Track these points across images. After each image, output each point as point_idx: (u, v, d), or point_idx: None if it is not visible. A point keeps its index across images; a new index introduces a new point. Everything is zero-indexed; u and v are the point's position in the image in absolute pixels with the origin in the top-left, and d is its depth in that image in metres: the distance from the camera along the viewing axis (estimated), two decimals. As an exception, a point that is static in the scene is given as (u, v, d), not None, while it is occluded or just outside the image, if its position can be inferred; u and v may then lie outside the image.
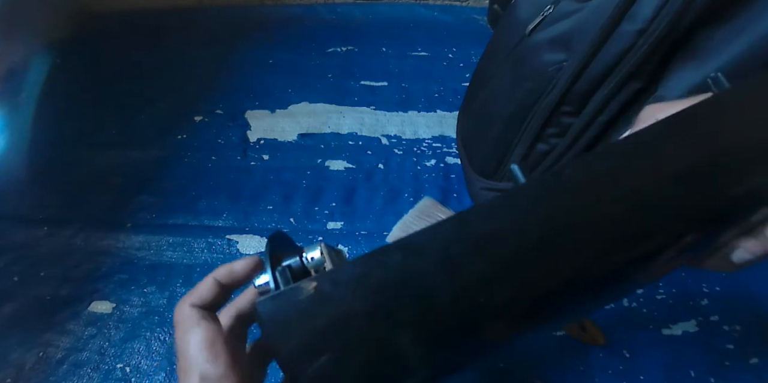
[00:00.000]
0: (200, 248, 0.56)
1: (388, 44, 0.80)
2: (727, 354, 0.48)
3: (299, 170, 0.64)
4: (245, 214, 0.59)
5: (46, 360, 0.49)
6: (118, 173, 0.64)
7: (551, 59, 0.40)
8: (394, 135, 0.67)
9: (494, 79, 0.49)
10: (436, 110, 0.70)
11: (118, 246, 0.57)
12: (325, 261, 0.23)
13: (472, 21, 0.85)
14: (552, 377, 0.47)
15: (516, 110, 0.45)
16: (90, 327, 0.51)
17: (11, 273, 0.55)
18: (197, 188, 0.62)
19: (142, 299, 0.53)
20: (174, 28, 0.84)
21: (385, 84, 0.74)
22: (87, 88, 0.75)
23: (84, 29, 0.84)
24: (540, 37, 0.41)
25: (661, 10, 0.34)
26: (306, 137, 0.68)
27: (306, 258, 0.24)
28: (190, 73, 0.76)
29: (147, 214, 0.60)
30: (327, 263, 0.23)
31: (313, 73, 0.76)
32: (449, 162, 0.64)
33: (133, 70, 0.77)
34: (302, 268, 0.23)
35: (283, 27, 0.84)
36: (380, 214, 0.59)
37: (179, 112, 0.71)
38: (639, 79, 0.38)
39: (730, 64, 0.35)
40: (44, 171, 0.64)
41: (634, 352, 0.48)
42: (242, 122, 0.69)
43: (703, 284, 0.53)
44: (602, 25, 0.36)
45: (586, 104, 0.41)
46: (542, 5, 0.42)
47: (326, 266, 0.23)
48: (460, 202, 0.59)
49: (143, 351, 0.49)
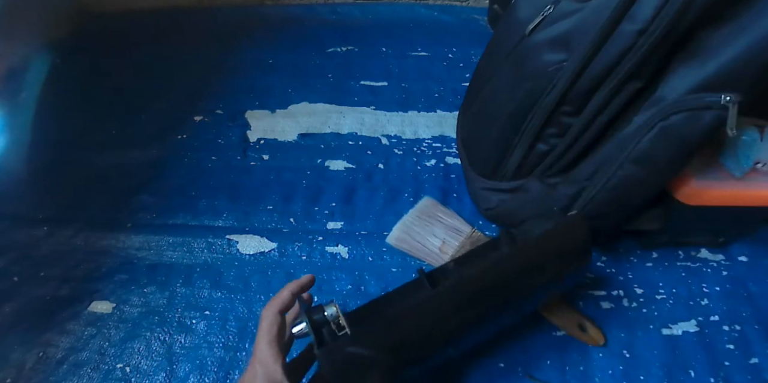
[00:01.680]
0: (200, 248, 0.56)
1: (388, 44, 0.80)
2: (727, 354, 0.48)
3: (299, 170, 0.64)
4: (245, 214, 0.59)
5: (46, 360, 0.49)
6: (118, 173, 0.64)
7: (551, 59, 0.40)
8: (394, 135, 0.67)
9: (494, 80, 0.49)
10: (436, 110, 0.70)
11: (118, 246, 0.57)
12: (339, 316, 0.36)
13: (472, 21, 0.85)
14: (552, 377, 0.47)
15: (516, 110, 0.45)
16: (90, 327, 0.51)
17: (11, 273, 0.55)
18: (197, 188, 0.62)
19: (142, 299, 0.53)
20: (174, 28, 0.84)
21: (385, 84, 0.74)
22: (87, 88, 0.75)
23: (84, 29, 0.84)
24: (540, 37, 0.41)
25: (661, 10, 0.34)
26: (306, 137, 0.68)
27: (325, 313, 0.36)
28: (190, 73, 0.76)
29: (147, 214, 0.60)
30: (341, 318, 0.35)
31: (313, 73, 0.76)
32: (449, 162, 0.64)
33: (133, 70, 0.77)
34: (323, 319, 0.36)
35: (283, 27, 0.84)
36: (380, 214, 0.59)
37: (179, 112, 0.71)
38: (639, 79, 0.38)
39: (730, 64, 0.35)
40: (44, 171, 0.64)
41: (634, 352, 0.48)
42: (242, 122, 0.69)
43: (703, 284, 0.53)
44: (602, 25, 0.36)
45: (586, 104, 0.41)
46: (542, 5, 0.42)
47: (341, 319, 0.35)
48: (460, 202, 0.59)
49: (143, 351, 0.49)
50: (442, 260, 0.52)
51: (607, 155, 0.43)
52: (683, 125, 0.38)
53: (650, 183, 0.43)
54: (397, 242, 0.54)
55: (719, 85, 0.36)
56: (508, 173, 0.50)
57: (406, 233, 0.54)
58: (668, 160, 0.40)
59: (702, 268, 0.54)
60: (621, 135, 0.41)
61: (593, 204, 0.45)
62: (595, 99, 0.40)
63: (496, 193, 0.53)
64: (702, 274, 0.54)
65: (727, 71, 0.35)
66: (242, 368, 0.48)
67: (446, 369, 0.47)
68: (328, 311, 0.36)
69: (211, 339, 0.50)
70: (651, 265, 0.54)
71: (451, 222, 0.55)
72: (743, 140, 0.43)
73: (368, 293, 0.53)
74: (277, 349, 0.34)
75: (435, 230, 0.54)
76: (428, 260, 0.53)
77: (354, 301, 0.52)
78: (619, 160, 0.41)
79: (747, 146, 0.42)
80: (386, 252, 0.56)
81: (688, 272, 0.54)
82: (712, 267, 0.54)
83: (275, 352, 0.34)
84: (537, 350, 0.48)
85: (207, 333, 0.50)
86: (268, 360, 0.34)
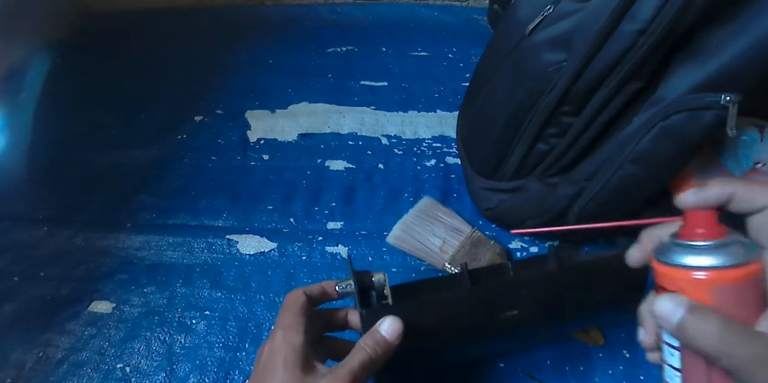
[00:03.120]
0: (200, 248, 0.57)
1: (388, 44, 0.80)
2: (727, 354, 0.48)
3: (299, 170, 0.64)
4: (245, 214, 0.59)
5: (46, 360, 0.49)
6: (118, 173, 0.64)
7: (551, 59, 0.40)
8: (394, 135, 0.67)
9: (494, 79, 0.49)
10: (436, 110, 0.70)
11: (118, 246, 0.57)
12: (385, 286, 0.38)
13: (472, 21, 0.85)
14: (552, 377, 0.47)
15: (516, 110, 0.45)
16: (90, 327, 0.51)
17: (11, 273, 0.55)
18: (197, 188, 0.62)
19: (142, 299, 0.53)
20: (174, 28, 0.84)
21: (385, 84, 0.74)
22: (87, 88, 0.75)
23: (84, 29, 0.84)
24: (540, 37, 0.41)
25: (661, 10, 0.34)
26: (306, 137, 0.68)
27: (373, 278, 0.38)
28: (190, 73, 0.76)
29: (147, 214, 0.60)
30: (387, 288, 0.37)
31: (313, 73, 0.76)
32: (449, 162, 0.64)
33: (133, 70, 0.77)
34: (370, 282, 0.38)
35: (283, 27, 0.84)
36: (380, 214, 0.59)
37: (179, 112, 0.71)
38: (639, 79, 0.38)
39: (730, 64, 0.35)
40: (44, 171, 0.64)
41: (634, 352, 0.48)
42: (242, 122, 0.69)
43: (703, 284, 0.53)
44: (602, 25, 0.36)
45: (586, 104, 0.41)
46: (542, 5, 0.42)
47: (386, 289, 0.37)
48: (460, 202, 0.59)
49: (143, 351, 0.49)
50: (443, 260, 0.52)
51: (607, 155, 0.43)
52: (683, 125, 0.38)
53: (650, 183, 0.43)
54: (397, 241, 0.54)
55: (719, 85, 0.36)
56: (508, 173, 0.50)
57: (406, 233, 0.54)
58: (668, 160, 0.40)
59: (702, 268, 0.54)
60: (621, 135, 0.41)
61: (593, 204, 0.45)
62: (595, 99, 0.40)
63: (496, 193, 0.53)
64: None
65: (727, 71, 0.35)
66: (242, 368, 0.48)
67: (446, 369, 0.47)
68: (376, 277, 0.37)
69: (211, 339, 0.50)
70: (651, 265, 0.54)
71: (451, 222, 0.55)
72: (743, 140, 0.43)
73: (368, 293, 0.53)
74: (300, 317, 0.33)
75: (435, 230, 0.54)
76: (428, 260, 0.53)
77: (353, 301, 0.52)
78: (619, 160, 0.41)
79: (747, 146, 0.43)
80: (386, 252, 0.56)
81: (688, 272, 0.54)
82: (712, 267, 0.54)
83: (297, 319, 0.33)
84: (537, 350, 0.48)
85: (207, 333, 0.50)
86: (289, 324, 0.33)
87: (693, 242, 0.25)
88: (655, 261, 0.27)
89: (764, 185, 0.25)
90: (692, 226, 0.25)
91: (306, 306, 0.35)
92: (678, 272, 0.25)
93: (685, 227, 0.26)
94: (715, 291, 0.24)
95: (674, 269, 0.25)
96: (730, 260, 0.24)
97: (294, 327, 0.32)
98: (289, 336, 0.32)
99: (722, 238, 0.24)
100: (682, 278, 0.25)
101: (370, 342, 0.33)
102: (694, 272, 0.24)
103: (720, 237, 0.24)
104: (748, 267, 0.24)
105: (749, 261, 0.24)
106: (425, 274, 0.54)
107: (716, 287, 0.24)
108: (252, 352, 0.49)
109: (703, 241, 0.25)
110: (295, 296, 0.35)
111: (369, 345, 0.33)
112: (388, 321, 0.34)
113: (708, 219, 0.25)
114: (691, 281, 0.24)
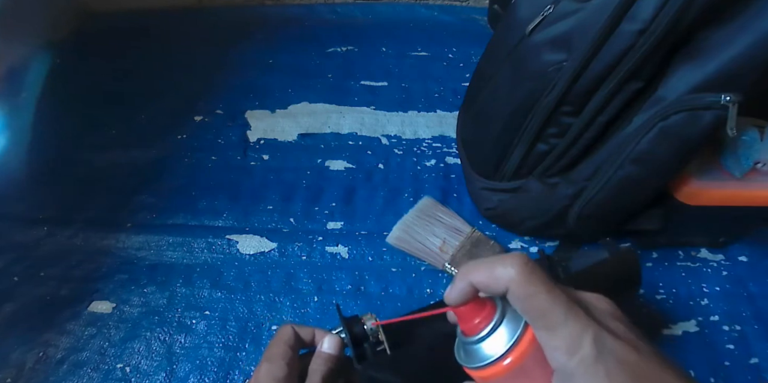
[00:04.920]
0: (200, 248, 0.56)
1: (388, 44, 0.80)
2: (727, 354, 0.48)
3: (299, 170, 0.64)
4: (245, 214, 0.59)
5: (46, 360, 0.49)
6: (118, 173, 0.64)
7: (551, 59, 0.40)
8: (394, 135, 0.67)
9: (494, 80, 0.49)
10: (436, 110, 0.70)
11: (118, 246, 0.57)
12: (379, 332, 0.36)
13: (472, 21, 0.85)
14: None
15: (516, 110, 0.45)
16: (90, 327, 0.51)
17: (11, 273, 0.55)
18: (197, 188, 0.62)
19: (142, 299, 0.53)
20: (174, 28, 0.84)
21: (385, 84, 0.74)
22: (87, 88, 0.75)
23: (84, 29, 0.84)
24: (540, 37, 0.41)
25: (661, 10, 0.34)
26: (306, 137, 0.68)
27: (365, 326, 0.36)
28: (190, 73, 0.76)
29: (147, 214, 0.60)
30: (381, 334, 0.36)
31: (313, 73, 0.76)
32: (449, 162, 0.64)
33: (133, 70, 0.77)
34: (363, 332, 0.36)
35: (283, 27, 0.84)
36: (380, 214, 0.59)
37: (179, 112, 0.71)
38: (639, 79, 0.38)
39: (730, 64, 0.35)
40: (44, 171, 0.64)
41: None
42: (242, 122, 0.69)
43: (703, 284, 0.53)
44: (602, 25, 0.36)
45: (586, 104, 0.41)
46: (542, 5, 0.42)
47: (380, 334, 0.36)
48: (460, 202, 0.59)
49: (143, 351, 0.49)
50: (442, 260, 0.52)
51: (606, 155, 0.43)
52: (683, 125, 0.38)
53: (650, 183, 0.43)
54: (397, 241, 0.54)
55: (719, 85, 0.36)
56: (508, 173, 0.50)
57: (406, 233, 0.54)
58: (668, 160, 0.40)
59: (702, 268, 0.54)
60: (621, 135, 0.41)
61: (593, 204, 0.45)
62: (595, 99, 0.40)
63: (496, 193, 0.53)
64: (702, 274, 0.54)
65: (727, 71, 0.35)
66: (242, 368, 0.48)
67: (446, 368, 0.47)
68: (367, 324, 0.36)
69: (211, 339, 0.50)
70: (651, 265, 0.54)
71: (451, 222, 0.55)
72: (743, 140, 0.43)
73: (368, 293, 0.53)
74: (285, 351, 0.34)
75: (435, 230, 0.54)
76: (428, 260, 0.53)
77: (354, 301, 0.52)
78: (618, 160, 0.41)
79: (747, 146, 0.42)
80: (386, 252, 0.56)
81: (688, 272, 0.54)
82: (712, 267, 0.54)
83: (283, 352, 0.34)
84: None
85: (207, 333, 0.50)
86: (273, 357, 0.34)
87: (465, 338, 0.25)
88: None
89: (504, 262, 0.23)
90: (460, 322, 0.26)
91: (293, 340, 0.36)
92: (465, 368, 0.26)
93: (460, 324, 0.26)
94: (498, 381, 0.24)
95: (464, 367, 0.26)
96: (496, 352, 0.23)
97: (278, 361, 0.34)
98: (273, 369, 0.33)
99: (485, 327, 0.24)
100: (469, 373, 0.26)
101: (320, 361, 0.36)
102: (472, 373, 0.25)
103: (483, 326, 0.24)
104: (516, 350, 0.23)
105: (516, 343, 0.23)
106: (425, 274, 0.54)
107: (496, 379, 0.24)
108: (252, 352, 0.49)
109: (470, 336, 0.25)
110: (284, 329, 0.36)
111: (319, 364, 0.35)
112: (327, 339, 0.37)
113: (466, 313, 0.25)
114: (477, 378, 0.25)
